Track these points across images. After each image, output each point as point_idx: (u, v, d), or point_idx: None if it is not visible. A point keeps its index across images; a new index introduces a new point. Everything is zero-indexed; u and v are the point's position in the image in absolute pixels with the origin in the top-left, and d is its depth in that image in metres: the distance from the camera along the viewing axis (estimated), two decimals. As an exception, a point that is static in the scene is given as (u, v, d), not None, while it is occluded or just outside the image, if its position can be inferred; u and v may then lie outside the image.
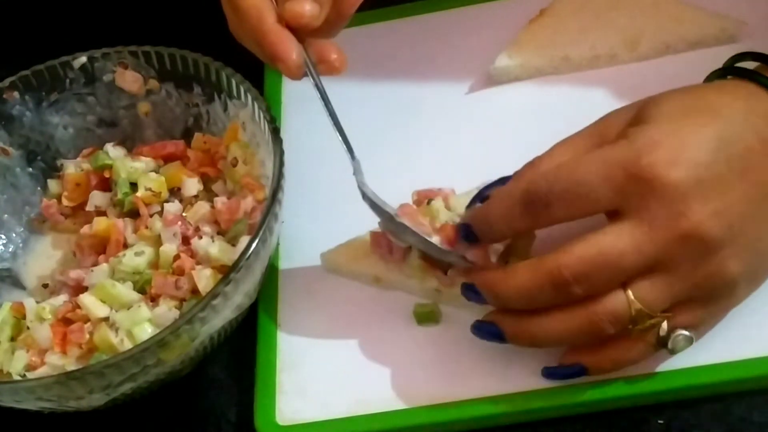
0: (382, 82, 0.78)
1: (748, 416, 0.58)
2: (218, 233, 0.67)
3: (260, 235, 0.61)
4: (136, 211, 0.70)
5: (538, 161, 0.60)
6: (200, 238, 0.66)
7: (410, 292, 0.65)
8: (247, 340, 0.66)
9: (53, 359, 0.64)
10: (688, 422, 0.58)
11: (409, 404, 0.61)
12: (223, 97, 0.71)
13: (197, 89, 0.72)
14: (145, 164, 0.71)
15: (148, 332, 0.63)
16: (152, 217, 0.69)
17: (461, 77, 0.76)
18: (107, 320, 0.64)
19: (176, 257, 0.66)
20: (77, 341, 0.63)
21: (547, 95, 0.74)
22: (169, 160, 0.72)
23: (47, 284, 0.71)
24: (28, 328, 0.65)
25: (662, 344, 0.56)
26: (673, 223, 0.53)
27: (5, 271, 0.72)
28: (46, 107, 0.74)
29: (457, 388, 0.61)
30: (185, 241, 0.67)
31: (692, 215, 0.53)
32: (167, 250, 0.66)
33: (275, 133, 0.65)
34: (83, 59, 0.73)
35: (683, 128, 0.54)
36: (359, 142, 0.72)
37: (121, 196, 0.70)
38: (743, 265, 0.55)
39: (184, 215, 0.68)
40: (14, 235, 0.74)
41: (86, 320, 0.64)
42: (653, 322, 0.55)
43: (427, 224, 0.63)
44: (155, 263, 0.67)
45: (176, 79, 0.73)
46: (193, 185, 0.70)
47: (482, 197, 0.63)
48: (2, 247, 0.73)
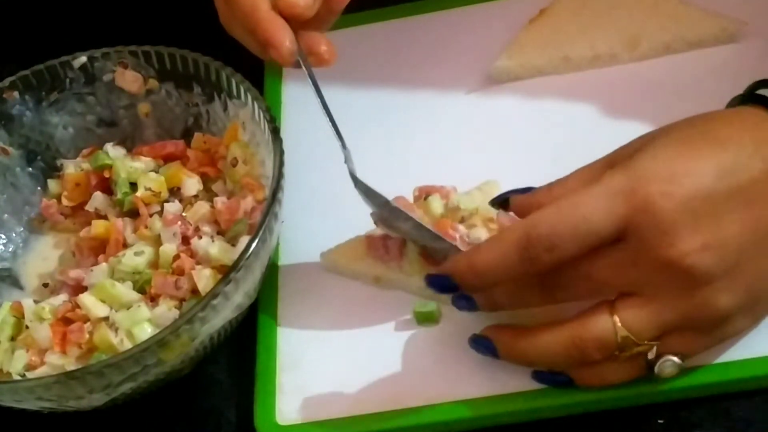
0: (382, 82, 0.78)
1: (748, 416, 0.58)
2: (218, 233, 0.67)
3: (260, 235, 0.61)
4: (136, 210, 0.70)
5: (548, 186, 0.59)
6: (200, 238, 0.66)
7: (410, 291, 0.65)
8: (247, 339, 0.66)
9: (53, 359, 0.64)
10: (688, 422, 0.58)
11: (409, 404, 0.61)
12: (223, 96, 0.71)
13: (197, 89, 0.72)
14: (144, 164, 0.71)
15: (147, 332, 0.63)
16: (152, 216, 0.69)
17: (461, 77, 0.76)
18: (107, 320, 0.64)
19: (176, 257, 0.66)
20: (77, 341, 0.63)
21: (547, 95, 0.74)
22: (169, 159, 0.72)
23: (47, 283, 0.71)
24: (27, 327, 0.65)
25: (649, 368, 0.56)
26: (659, 251, 0.52)
27: (5, 270, 0.72)
28: (46, 107, 0.74)
29: (457, 387, 0.61)
30: (185, 241, 0.67)
31: (680, 245, 0.52)
32: (167, 249, 0.66)
33: (275, 132, 0.65)
34: (83, 59, 0.73)
35: (682, 158, 0.53)
36: (359, 141, 0.72)
37: (120, 196, 0.70)
38: (736, 299, 0.53)
39: (183, 215, 0.68)
40: (14, 234, 0.74)
41: (86, 320, 0.64)
42: (640, 349, 0.54)
43: (422, 216, 0.64)
44: (155, 263, 0.67)
45: (176, 78, 0.73)
46: (192, 185, 0.70)
47: (501, 200, 0.62)
48: (2, 246, 0.73)
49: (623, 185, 0.53)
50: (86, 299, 0.65)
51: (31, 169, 0.75)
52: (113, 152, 0.72)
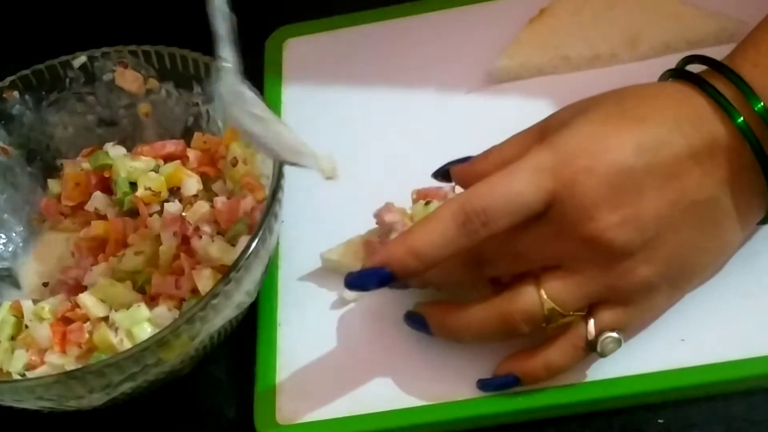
0: (381, 81, 0.78)
1: (748, 416, 0.58)
2: (218, 233, 0.67)
3: (260, 234, 0.61)
4: (135, 210, 0.70)
5: (484, 153, 0.61)
6: (200, 237, 0.66)
7: (411, 290, 0.65)
8: (247, 339, 0.66)
9: (53, 359, 0.64)
10: (688, 422, 0.58)
11: (409, 404, 0.61)
12: (223, 96, 0.71)
13: (197, 88, 0.72)
14: (144, 164, 0.71)
15: (147, 332, 0.63)
16: (152, 216, 0.69)
17: (461, 77, 0.76)
18: (107, 320, 0.64)
19: (176, 257, 0.66)
20: (77, 341, 0.63)
21: (547, 95, 0.74)
22: (168, 159, 0.72)
23: (47, 283, 0.71)
24: (26, 327, 0.65)
25: (592, 348, 0.57)
26: (579, 226, 0.54)
27: (5, 270, 0.72)
28: (46, 106, 0.74)
29: (457, 387, 0.61)
30: (185, 240, 0.67)
31: (599, 220, 0.54)
32: (167, 249, 0.66)
33: (275, 132, 0.65)
34: (83, 59, 0.73)
35: (602, 134, 0.55)
36: (359, 141, 0.72)
37: (120, 195, 0.70)
38: (656, 269, 0.55)
39: (183, 215, 0.68)
40: (14, 234, 0.74)
41: (86, 320, 0.64)
42: (566, 320, 0.56)
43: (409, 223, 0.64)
44: (155, 263, 0.67)
45: (176, 78, 0.73)
46: (192, 185, 0.70)
47: (442, 172, 0.64)
48: (2, 246, 0.73)
49: (550, 162, 0.54)
50: (86, 299, 0.65)
51: (31, 168, 0.75)
52: (113, 152, 0.72)
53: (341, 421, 0.62)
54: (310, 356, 0.65)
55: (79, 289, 0.67)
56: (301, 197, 0.71)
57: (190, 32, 0.71)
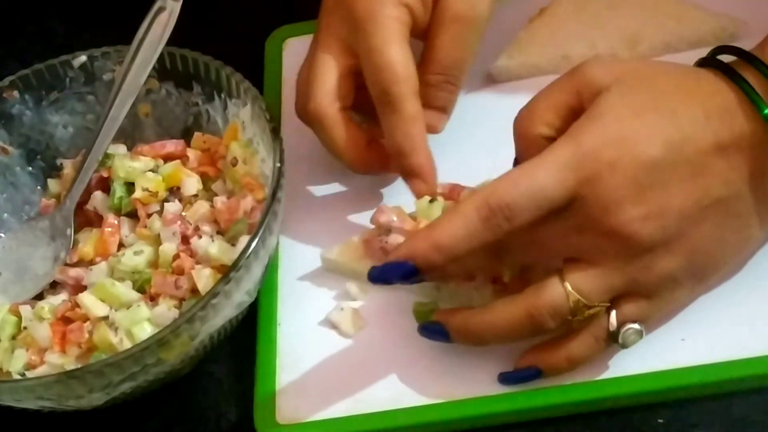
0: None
1: (748, 416, 0.58)
2: (218, 233, 0.67)
3: (260, 234, 0.61)
4: (135, 210, 0.70)
5: (519, 119, 0.60)
6: (200, 237, 0.66)
7: (409, 290, 0.65)
8: (247, 339, 0.66)
9: (53, 358, 0.64)
10: (688, 422, 0.58)
11: (409, 403, 0.61)
12: (222, 96, 0.71)
13: (197, 88, 0.72)
14: (143, 164, 0.71)
15: (147, 331, 0.63)
16: (151, 216, 0.69)
17: (461, 77, 0.76)
18: (107, 319, 0.64)
19: (176, 257, 0.66)
20: (76, 340, 0.63)
21: (547, 95, 0.74)
22: (168, 159, 0.72)
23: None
24: (25, 328, 0.65)
25: (613, 339, 0.57)
26: (602, 219, 0.54)
27: (5, 270, 0.72)
28: (45, 106, 0.74)
29: (457, 386, 0.61)
30: (185, 240, 0.67)
31: (623, 214, 0.54)
32: (167, 249, 0.66)
33: (275, 132, 0.65)
34: (83, 58, 0.73)
35: (632, 127, 0.55)
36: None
37: (116, 201, 0.69)
38: (679, 263, 0.56)
39: (183, 215, 0.68)
40: (14, 234, 0.74)
41: (86, 319, 0.64)
42: (591, 312, 0.56)
43: (409, 221, 0.64)
44: (155, 262, 0.67)
45: (176, 78, 0.72)
46: (192, 185, 0.70)
47: None
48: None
49: (574, 156, 0.54)
50: (86, 298, 0.65)
51: (30, 168, 0.75)
52: (113, 149, 0.72)
53: (341, 421, 0.62)
54: (310, 356, 0.65)
55: (79, 288, 0.67)
56: (301, 197, 0.71)
57: (190, 32, 0.71)
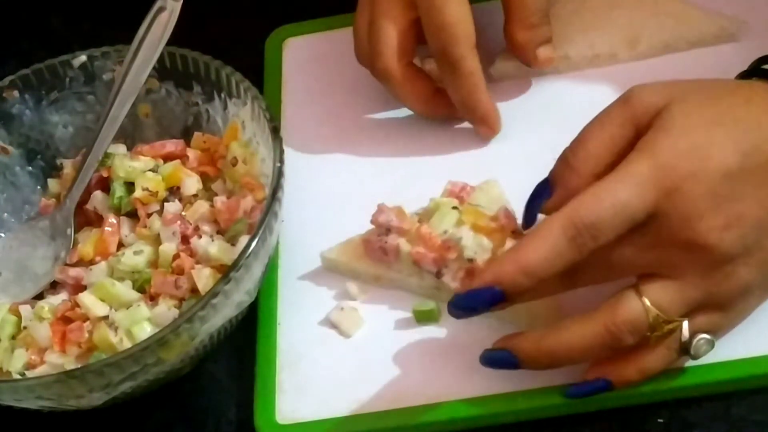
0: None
1: (748, 416, 0.58)
2: (218, 232, 0.67)
3: (260, 234, 0.61)
4: (135, 210, 0.70)
5: (572, 157, 0.58)
6: (200, 237, 0.66)
7: (409, 290, 0.65)
8: (247, 338, 0.66)
9: (53, 358, 0.64)
10: (688, 422, 0.58)
11: (408, 403, 0.61)
12: (222, 96, 0.71)
13: (197, 88, 0.72)
14: (143, 164, 0.71)
15: (147, 331, 0.63)
16: (151, 216, 0.69)
17: (461, 76, 0.76)
18: (106, 319, 0.64)
19: (176, 256, 0.66)
20: (76, 340, 0.63)
21: (547, 94, 0.74)
22: (168, 159, 0.71)
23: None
24: (25, 328, 0.65)
25: (684, 350, 0.56)
26: (681, 232, 0.54)
27: (5, 269, 0.72)
28: (45, 106, 0.74)
29: (457, 387, 0.61)
30: (185, 240, 0.67)
31: (702, 226, 0.53)
32: (166, 249, 0.66)
33: (275, 131, 0.65)
34: (83, 58, 0.73)
35: (704, 139, 0.54)
36: (359, 141, 0.72)
37: (115, 201, 0.69)
38: (754, 273, 0.55)
39: (183, 214, 0.68)
40: (14, 234, 0.74)
41: (85, 319, 0.64)
42: (671, 327, 0.55)
43: (409, 221, 0.64)
44: (154, 262, 0.67)
45: (176, 77, 0.72)
46: (192, 184, 0.70)
47: (531, 218, 0.61)
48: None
49: (652, 171, 0.54)
50: (86, 298, 0.65)
51: (30, 168, 0.75)
52: (113, 149, 0.72)
53: (341, 421, 0.62)
54: (310, 356, 0.65)
55: (78, 288, 0.67)
56: (301, 197, 0.71)
57: (190, 31, 0.71)
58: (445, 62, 0.69)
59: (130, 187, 0.70)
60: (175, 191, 0.70)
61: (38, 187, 0.75)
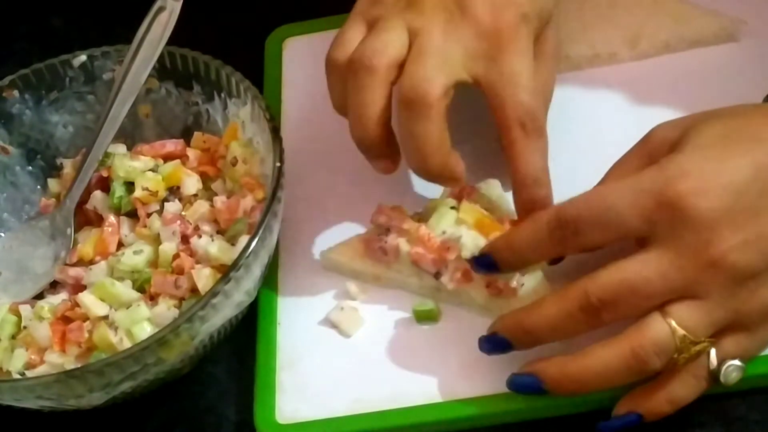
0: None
1: (748, 416, 0.58)
2: (218, 232, 0.67)
3: (260, 234, 0.61)
4: (135, 209, 0.70)
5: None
6: (200, 237, 0.66)
7: (409, 290, 0.65)
8: (246, 338, 0.66)
9: (52, 358, 0.64)
10: (688, 422, 0.58)
11: (408, 403, 0.61)
12: (222, 95, 0.71)
13: (197, 88, 0.72)
14: (143, 163, 0.71)
15: (147, 331, 0.63)
16: (151, 215, 0.69)
17: (461, 76, 0.76)
18: (106, 319, 0.64)
19: (175, 256, 0.66)
20: (76, 340, 0.63)
21: (547, 94, 0.74)
22: (168, 159, 0.72)
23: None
24: (25, 327, 0.65)
25: (714, 378, 0.55)
26: (700, 251, 0.53)
27: (5, 269, 0.72)
28: (45, 106, 0.74)
29: (457, 386, 0.61)
30: (184, 240, 0.67)
31: (720, 244, 0.53)
32: (166, 249, 0.66)
33: (275, 131, 0.65)
34: (83, 58, 0.73)
35: (717, 156, 0.54)
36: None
37: (115, 201, 0.69)
38: None
39: (183, 214, 0.68)
40: (14, 233, 0.74)
41: (85, 319, 0.64)
42: (698, 348, 0.54)
43: (409, 221, 0.64)
44: (154, 262, 0.67)
45: (176, 77, 0.72)
46: (192, 184, 0.70)
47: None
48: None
49: (654, 182, 0.54)
50: (86, 298, 0.65)
51: (31, 167, 0.75)
52: (113, 149, 0.72)
53: (341, 420, 0.62)
54: (310, 355, 0.65)
55: (78, 288, 0.67)
56: (301, 196, 0.71)
57: (189, 31, 0.71)
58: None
59: (130, 186, 0.70)
60: (175, 191, 0.70)
61: (38, 186, 0.75)
